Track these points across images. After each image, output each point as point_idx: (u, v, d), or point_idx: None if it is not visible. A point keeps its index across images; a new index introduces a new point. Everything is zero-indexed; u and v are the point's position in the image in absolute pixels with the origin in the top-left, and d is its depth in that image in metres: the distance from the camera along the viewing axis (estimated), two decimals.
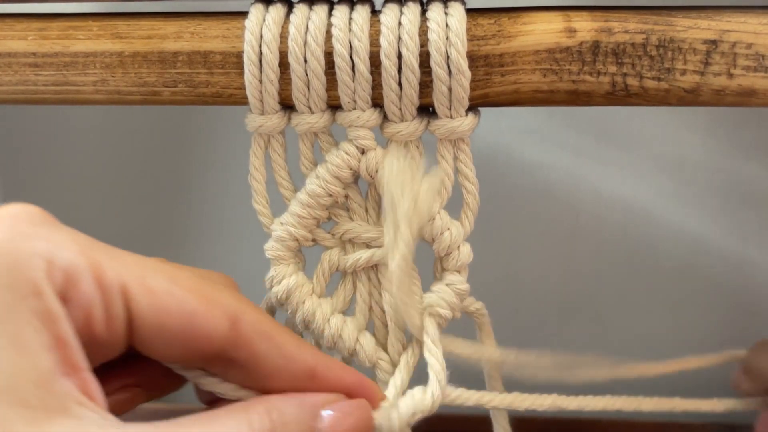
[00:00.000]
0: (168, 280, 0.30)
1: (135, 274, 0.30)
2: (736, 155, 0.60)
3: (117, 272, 0.29)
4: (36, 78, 0.37)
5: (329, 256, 0.39)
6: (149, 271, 0.30)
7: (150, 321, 0.30)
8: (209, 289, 0.31)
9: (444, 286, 0.38)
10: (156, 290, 0.30)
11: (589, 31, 0.34)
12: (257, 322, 0.32)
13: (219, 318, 0.31)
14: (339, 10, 0.35)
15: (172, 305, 0.30)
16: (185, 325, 0.30)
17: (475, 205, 0.38)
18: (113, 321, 0.29)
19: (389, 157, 0.36)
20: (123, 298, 0.29)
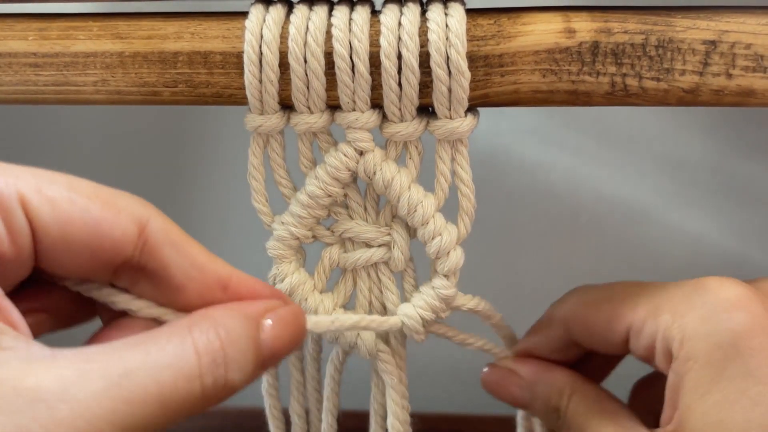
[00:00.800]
0: (67, 188, 0.29)
1: (31, 185, 0.28)
2: (736, 155, 0.61)
3: (11, 184, 0.28)
4: (36, 78, 0.37)
5: (329, 254, 0.39)
6: (45, 181, 0.29)
7: (54, 231, 0.28)
8: (112, 195, 0.30)
9: (430, 289, 0.39)
10: (56, 199, 0.28)
11: (588, 31, 0.34)
12: (166, 230, 0.30)
13: (125, 224, 0.29)
14: (339, 10, 0.35)
15: (74, 213, 0.28)
16: (90, 233, 0.29)
17: (471, 209, 0.38)
18: (17, 236, 0.28)
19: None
20: (23, 209, 0.28)
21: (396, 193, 0.37)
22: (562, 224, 0.64)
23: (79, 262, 0.29)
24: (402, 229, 0.38)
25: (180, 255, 0.30)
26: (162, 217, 0.31)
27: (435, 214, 0.37)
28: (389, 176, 0.37)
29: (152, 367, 0.26)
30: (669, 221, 0.63)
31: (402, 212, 0.37)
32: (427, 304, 0.39)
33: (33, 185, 0.28)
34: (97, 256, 0.29)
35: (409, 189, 0.37)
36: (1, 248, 0.27)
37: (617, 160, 0.62)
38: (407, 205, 0.37)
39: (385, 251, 0.39)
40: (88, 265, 0.29)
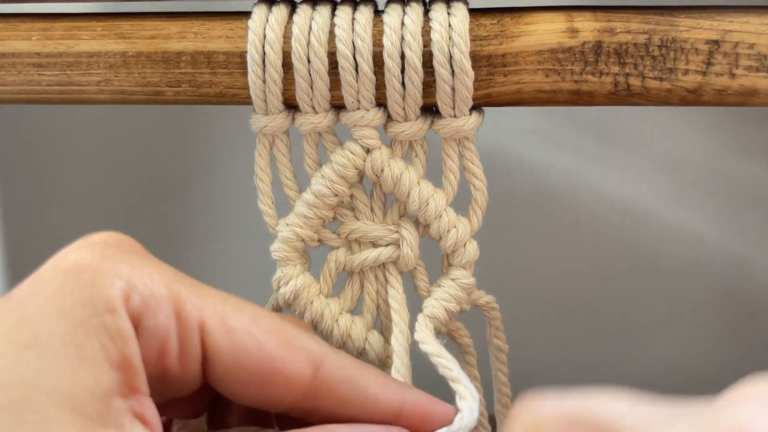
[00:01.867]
0: (249, 321, 0.30)
1: (216, 311, 0.29)
2: (736, 155, 0.61)
3: (197, 307, 0.29)
4: (40, 78, 0.37)
5: (335, 256, 0.39)
6: (230, 310, 0.30)
7: (227, 361, 0.29)
8: (291, 332, 0.31)
9: (449, 280, 0.38)
10: (236, 330, 0.29)
11: (591, 31, 0.35)
12: (340, 367, 0.31)
13: (301, 363, 0.30)
14: (342, 10, 0.35)
15: (251, 346, 0.29)
16: (265, 369, 0.29)
17: (484, 202, 0.38)
18: (187, 356, 0.29)
19: None
20: (200, 334, 0.29)
21: (406, 189, 0.37)
22: (561, 224, 0.64)
23: (249, 393, 0.30)
24: (411, 226, 0.38)
25: (354, 390, 0.31)
26: (335, 353, 0.31)
27: (447, 208, 0.37)
28: (398, 172, 0.37)
29: None
30: (669, 221, 0.63)
31: (413, 207, 0.37)
32: (451, 295, 0.38)
33: (217, 312, 0.29)
34: (269, 391, 0.30)
35: (418, 183, 0.37)
36: (168, 362, 0.29)
37: (617, 160, 0.62)
38: (418, 198, 0.37)
39: (393, 250, 0.39)
40: (259, 397, 0.30)
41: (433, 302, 0.38)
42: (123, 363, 0.27)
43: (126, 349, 0.27)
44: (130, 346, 0.27)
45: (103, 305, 0.27)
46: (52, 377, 0.26)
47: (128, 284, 0.28)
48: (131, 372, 0.27)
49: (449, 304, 0.38)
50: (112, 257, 0.28)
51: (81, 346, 0.26)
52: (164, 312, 0.28)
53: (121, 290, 0.28)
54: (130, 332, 0.27)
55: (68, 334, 0.26)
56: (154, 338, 0.28)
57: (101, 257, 0.28)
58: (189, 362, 0.29)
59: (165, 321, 0.28)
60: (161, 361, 0.29)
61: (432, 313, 0.38)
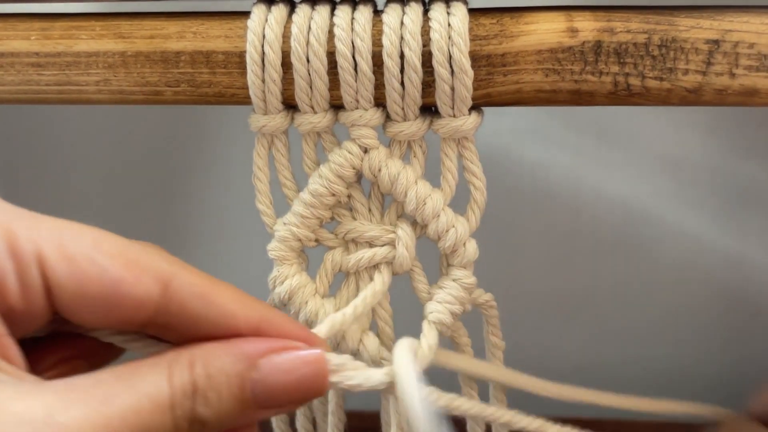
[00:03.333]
0: (89, 246, 0.29)
1: (52, 241, 0.28)
2: (736, 155, 0.61)
3: (31, 239, 0.28)
4: (39, 78, 0.37)
5: (332, 257, 0.39)
6: (69, 237, 0.29)
7: (71, 290, 0.28)
8: (136, 253, 0.30)
9: (451, 281, 0.38)
10: (75, 257, 0.28)
11: (591, 30, 0.34)
12: (191, 284, 0.30)
13: (147, 284, 0.29)
14: (341, 9, 0.35)
15: (93, 272, 0.28)
16: (110, 293, 0.29)
17: (483, 202, 0.38)
18: (29, 291, 0.28)
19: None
20: (39, 266, 0.28)
21: (403, 188, 0.37)
22: (561, 224, 0.64)
23: (98, 318, 0.29)
24: (407, 226, 0.38)
25: (208, 307, 0.30)
26: (187, 271, 0.30)
27: (445, 208, 0.37)
28: (395, 171, 0.37)
29: (131, 396, 0.27)
30: (669, 221, 0.63)
31: (410, 207, 0.37)
32: (455, 297, 0.38)
33: (55, 241, 0.28)
34: (117, 313, 0.29)
35: (416, 183, 0.37)
36: (10, 300, 0.28)
37: (617, 160, 0.62)
38: (415, 198, 0.37)
39: (388, 250, 0.38)
40: (108, 320, 0.30)
41: (437, 306, 0.38)
42: None
43: None
44: None
45: None
46: None
47: None
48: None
49: (453, 307, 0.38)
50: None
51: None
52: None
53: None
54: None
55: None
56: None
57: None
58: (32, 296, 0.28)
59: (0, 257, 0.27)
60: (3, 300, 0.28)
61: (438, 319, 0.38)
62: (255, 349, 0.30)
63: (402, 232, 0.38)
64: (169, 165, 0.66)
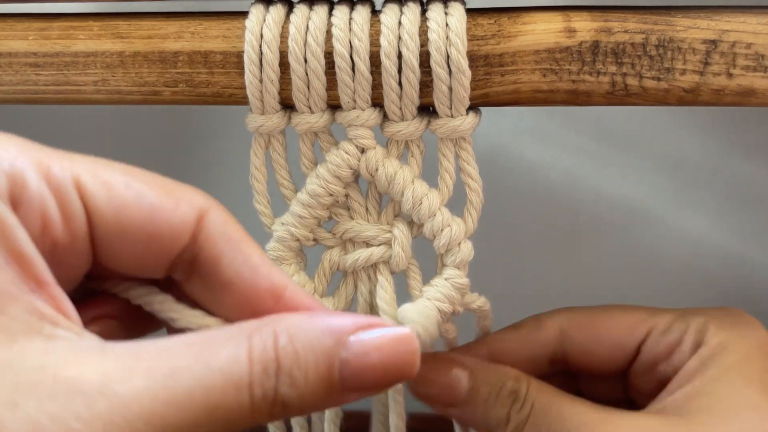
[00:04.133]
0: (123, 173, 0.27)
1: (86, 168, 0.27)
2: (736, 155, 0.60)
3: (66, 167, 0.26)
4: (37, 78, 0.37)
5: (330, 256, 0.39)
6: (101, 165, 0.27)
7: (110, 218, 0.27)
8: (171, 183, 0.28)
9: (443, 280, 0.38)
10: (112, 182, 0.27)
11: (588, 31, 0.34)
12: (224, 223, 0.29)
13: (184, 211, 0.28)
14: (339, 10, 0.35)
15: (130, 197, 0.27)
16: (147, 219, 0.27)
17: (479, 203, 0.38)
18: (72, 221, 0.26)
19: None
20: (78, 193, 0.26)
21: (400, 188, 0.37)
22: (561, 224, 0.64)
23: (135, 251, 0.28)
24: (404, 225, 0.38)
25: (234, 250, 0.29)
26: (222, 211, 0.29)
27: (441, 207, 0.37)
28: (392, 171, 0.37)
29: (201, 371, 0.24)
30: (669, 221, 0.63)
31: (407, 207, 0.37)
32: (444, 295, 0.38)
33: (89, 169, 0.27)
34: (154, 243, 0.28)
35: (412, 182, 0.37)
36: (55, 233, 0.26)
37: (617, 160, 0.62)
38: (412, 198, 0.37)
39: (385, 250, 0.38)
40: (145, 253, 0.28)
41: (424, 302, 0.38)
42: (15, 256, 0.24)
43: (14, 240, 0.24)
44: (16, 234, 0.24)
45: None
46: None
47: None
48: (27, 263, 0.25)
49: (442, 305, 0.38)
50: None
51: None
52: (34, 180, 0.25)
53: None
54: (11, 219, 0.25)
55: None
56: (32, 212, 0.25)
57: None
58: (75, 227, 0.26)
59: (38, 189, 0.25)
60: (47, 235, 0.26)
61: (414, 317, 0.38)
62: (343, 324, 0.26)
63: (398, 231, 0.38)
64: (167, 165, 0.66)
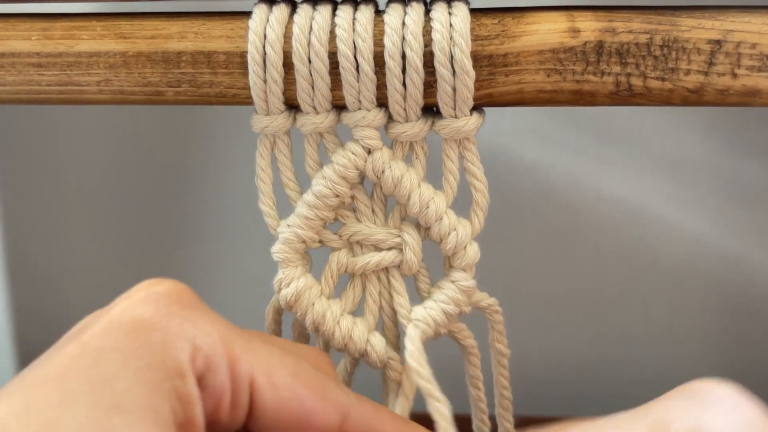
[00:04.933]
0: (291, 375, 0.31)
1: (263, 367, 0.31)
2: (736, 155, 0.61)
3: (249, 364, 0.30)
4: (40, 78, 0.37)
5: (337, 258, 0.39)
6: (276, 364, 0.31)
7: (269, 414, 0.31)
8: (325, 385, 0.32)
9: (449, 282, 0.38)
10: (280, 385, 0.31)
11: (593, 31, 0.34)
12: (364, 418, 0.32)
13: (333, 415, 0.32)
14: (343, 10, 0.35)
15: (292, 401, 0.31)
16: (302, 421, 0.31)
17: (485, 204, 0.38)
18: (237, 410, 0.30)
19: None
20: (250, 389, 0.30)
21: (406, 191, 0.37)
22: (561, 224, 0.64)
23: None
24: (413, 230, 0.38)
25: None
26: (361, 404, 0.33)
27: (447, 210, 0.37)
28: (398, 173, 0.37)
29: None
30: (669, 221, 0.63)
31: (413, 210, 0.37)
32: (450, 298, 0.38)
33: (265, 368, 0.31)
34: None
35: (419, 186, 0.37)
36: (221, 416, 0.30)
37: (617, 160, 0.62)
38: (419, 201, 0.37)
39: (395, 254, 0.38)
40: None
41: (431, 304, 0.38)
42: (188, 424, 0.29)
43: (191, 411, 0.29)
44: (195, 408, 0.29)
45: (174, 369, 0.28)
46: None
47: (194, 346, 0.29)
48: (194, 430, 0.29)
49: (448, 307, 0.38)
50: (177, 315, 0.30)
51: (156, 411, 0.27)
52: (222, 371, 0.30)
53: (188, 353, 0.29)
54: (197, 395, 0.29)
55: (145, 398, 0.27)
56: (212, 396, 0.30)
57: (168, 315, 0.30)
58: (237, 415, 0.30)
59: (222, 380, 0.30)
60: (215, 415, 0.30)
61: (421, 316, 0.38)
62: None
63: (409, 237, 0.38)
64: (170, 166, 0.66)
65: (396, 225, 0.38)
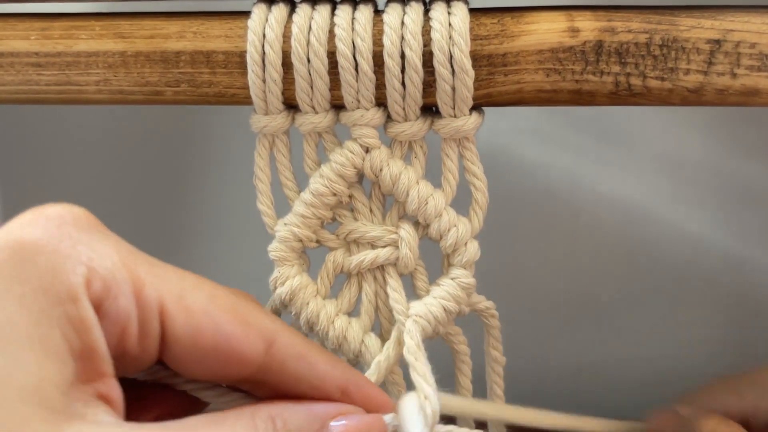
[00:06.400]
0: (206, 299, 0.30)
1: (174, 291, 0.29)
2: (736, 155, 0.60)
3: (156, 288, 0.29)
4: (38, 78, 0.37)
5: (333, 257, 0.39)
6: (188, 289, 0.29)
7: (184, 341, 0.29)
8: (246, 309, 0.31)
9: (449, 279, 0.38)
10: (193, 310, 0.29)
11: (592, 30, 0.34)
12: (292, 345, 0.31)
13: (255, 341, 0.30)
14: (342, 9, 0.35)
15: (208, 326, 0.29)
16: (220, 347, 0.29)
17: (485, 202, 0.38)
18: (147, 338, 0.29)
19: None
20: (160, 315, 0.29)
21: (405, 188, 0.37)
22: (561, 224, 0.64)
23: (202, 369, 0.30)
24: (410, 226, 0.38)
25: (303, 368, 0.31)
26: (289, 332, 0.32)
27: (447, 207, 0.37)
28: (396, 171, 0.37)
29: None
30: (669, 221, 0.63)
31: (412, 207, 0.37)
32: (450, 294, 0.38)
33: (176, 292, 0.29)
34: (223, 368, 0.30)
35: (417, 183, 0.37)
36: (128, 345, 0.28)
37: (617, 160, 0.62)
38: (417, 198, 0.37)
39: (391, 251, 0.38)
40: (211, 373, 0.30)
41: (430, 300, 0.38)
42: (87, 352, 0.27)
43: (89, 338, 0.27)
44: (93, 334, 0.27)
45: (65, 294, 0.26)
46: (19, 374, 0.25)
47: (89, 269, 0.27)
48: (95, 359, 0.27)
49: (448, 303, 0.38)
50: (70, 236, 0.27)
51: (45, 339, 0.26)
52: (125, 296, 0.28)
53: (82, 276, 0.27)
54: (93, 320, 0.27)
55: (31, 326, 0.26)
56: (115, 323, 0.28)
57: (59, 237, 0.27)
58: (148, 344, 0.29)
59: (126, 305, 0.28)
60: (122, 344, 0.28)
61: (421, 312, 0.38)
62: (326, 412, 0.31)
63: (405, 233, 0.38)
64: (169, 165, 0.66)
65: (393, 223, 0.38)
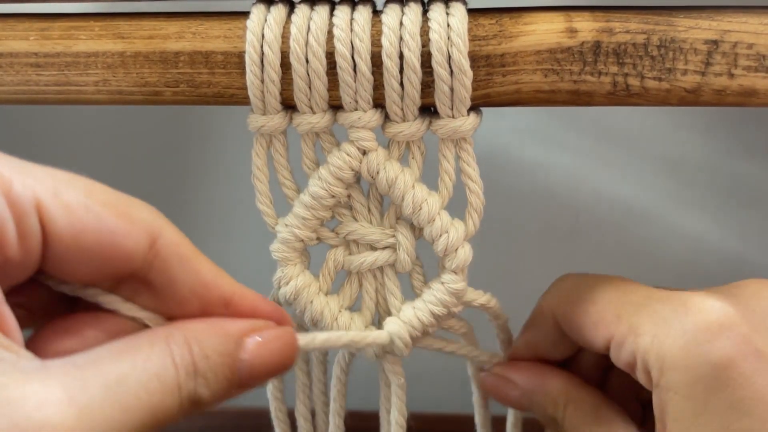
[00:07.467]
0: (84, 194, 0.28)
1: (48, 188, 0.27)
2: (736, 155, 0.61)
3: (28, 186, 0.27)
4: (38, 78, 0.37)
5: (334, 256, 0.39)
6: (62, 184, 0.28)
7: (66, 238, 0.27)
8: (127, 204, 0.29)
9: (439, 284, 0.39)
10: (72, 205, 0.27)
11: (590, 31, 0.34)
12: (176, 244, 0.30)
13: (138, 236, 0.29)
14: (340, 10, 0.35)
15: (89, 221, 0.28)
16: (102, 243, 0.28)
17: (480, 205, 0.38)
18: (27, 239, 0.27)
19: None
20: (38, 213, 0.27)
21: (400, 192, 0.37)
22: (561, 224, 0.64)
23: (86, 270, 0.29)
24: (407, 230, 0.38)
25: (187, 271, 0.30)
26: (174, 230, 0.30)
27: (440, 212, 0.37)
28: (393, 175, 0.37)
29: (141, 376, 0.26)
30: (669, 221, 0.63)
31: (407, 211, 0.37)
32: (438, 299, 0.38)
33: (50, 189, 0.27)
34: (106, 265, 0.29)
35: (413, 188, 0.37)
36: (8, 251, 0.27)
37: (617, 160, 0.62)
38: (412, 203, 0.37)
39: (390, 254, 0.39)
40: (96, 272, 0.29)
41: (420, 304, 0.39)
42: None
43: None
44: None
45: None
46: None
47: None
48: None
49: (436, 308, 0.39)
50: None
51: None
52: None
53: None
54: None
55: None
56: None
57: None
58: (30, 245, 0.27)
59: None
60: (2, 251, 0.26)
61: (407, 318, 0.39)
62: (239, 329, 0.30)
63: (402, 237, 0.38)
64: (168, 165, 0.66)
65: (391, 224, 0.39)
